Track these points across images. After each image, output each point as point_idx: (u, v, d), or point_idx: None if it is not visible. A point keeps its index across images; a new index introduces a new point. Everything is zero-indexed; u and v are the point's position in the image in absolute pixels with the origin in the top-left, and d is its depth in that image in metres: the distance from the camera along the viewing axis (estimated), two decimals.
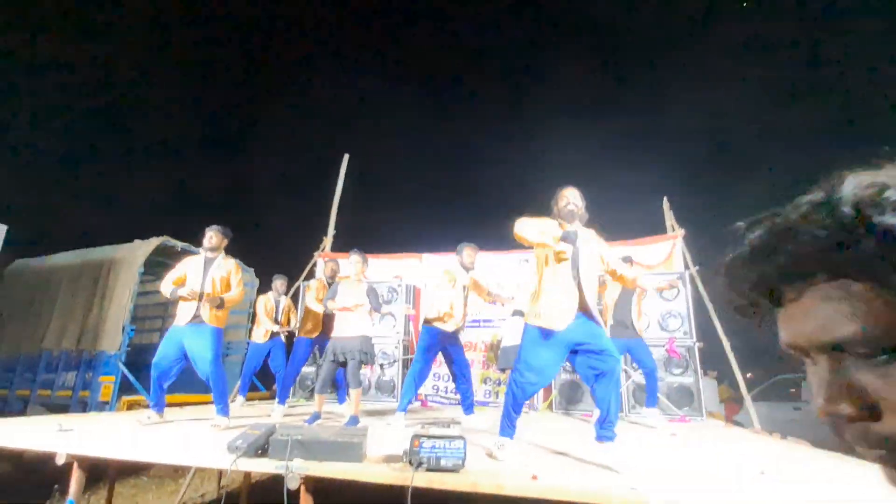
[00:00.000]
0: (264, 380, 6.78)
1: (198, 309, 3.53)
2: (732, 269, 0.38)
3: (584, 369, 2.54)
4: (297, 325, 5.13)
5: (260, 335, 5.26)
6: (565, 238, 2.52)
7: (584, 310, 2.53)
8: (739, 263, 0.37)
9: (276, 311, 5.34)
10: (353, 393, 3.72)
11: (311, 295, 4.68)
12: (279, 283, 5.41)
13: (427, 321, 4.08)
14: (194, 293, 3.50)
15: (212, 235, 3.70)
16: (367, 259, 4.14)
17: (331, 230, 7.23)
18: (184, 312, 3.56)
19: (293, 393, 6.11)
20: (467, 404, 4.15)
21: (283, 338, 5.44)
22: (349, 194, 7.50)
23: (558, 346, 2.51)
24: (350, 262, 4.03)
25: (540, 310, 2.59)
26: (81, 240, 6.73)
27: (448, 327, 4.01)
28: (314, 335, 4.70)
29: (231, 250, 5.69)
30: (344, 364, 3.77)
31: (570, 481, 1.86)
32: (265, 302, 5.32)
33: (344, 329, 3.80)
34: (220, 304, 3.58)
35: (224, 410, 3.46)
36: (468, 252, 4.12)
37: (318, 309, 4.42)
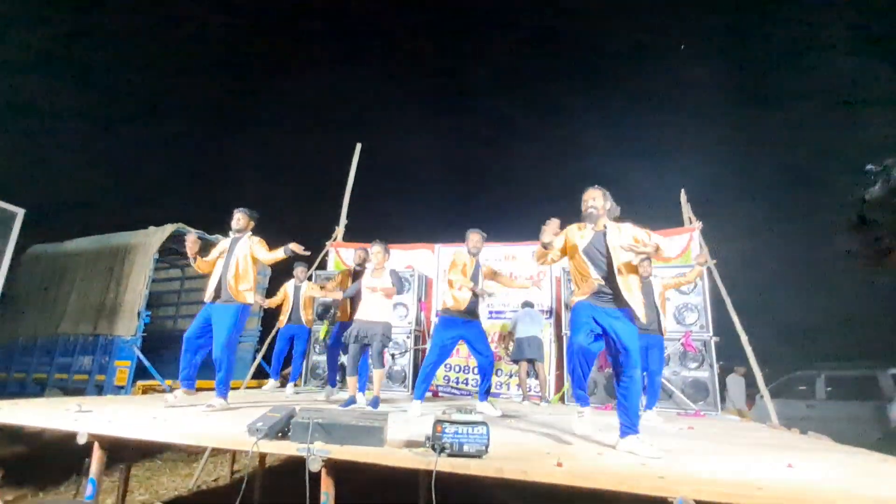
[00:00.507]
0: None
1: (220, 286, 3.63)
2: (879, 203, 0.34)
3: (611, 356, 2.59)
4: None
5: (283, 320, 5.49)
6: (545, 246, 2.74)
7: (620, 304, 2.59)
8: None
9: (297, 296, 5.48)
10: (377, 373, 3.95)
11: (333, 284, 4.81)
12: (299, 270, 5.55)
13: (439, 311, 4.28)
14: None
15: (238, 217, 3.83)
16: (389, 249, 4.29)
17: (343, 220, 7.22)
18: (210, 289, 3.67)
19: (305, 380, 6.15)
20: (482, 391, 4.11)
21: (307, 322, 5.61)
22: (362, 184, 7.48)
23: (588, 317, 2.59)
24: (372, 253, 4.19)
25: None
26: (96, 224, 6.81)
27: (458, 308, 4.00)
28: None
29: None
30: (367, 346, 3.99)
31: (595, 469, 1.83)
32: (284, 289, 5.55)
33: (369, 313, 4.00)
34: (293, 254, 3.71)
35: (223, 392, 3.52)
36: (473, 237, 4.16)
37: (338, 296, 4.60)
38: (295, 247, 3.68)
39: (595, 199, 2.74)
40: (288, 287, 5.53)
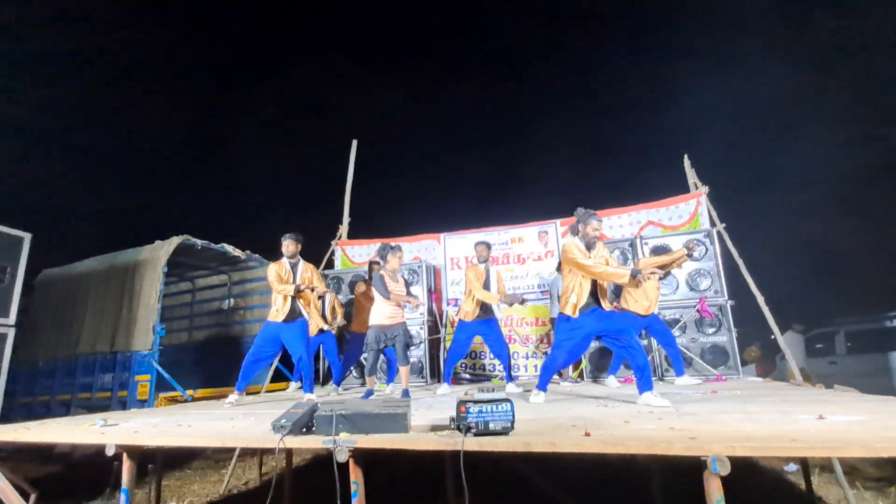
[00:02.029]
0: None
1: (294, 306, 4.27)
2: None
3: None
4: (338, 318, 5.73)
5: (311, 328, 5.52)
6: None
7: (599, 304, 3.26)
8: None
9: (322, 307, 5.57)
10: (404, 370, 4.26)
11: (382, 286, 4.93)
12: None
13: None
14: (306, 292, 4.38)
15: (288, 244, 4.35)
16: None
17: (346, 217, 7.21)
18: (282, 310, 4.23)
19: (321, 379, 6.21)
20: (506, 375, 4.72)
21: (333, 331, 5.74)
22: (363, 180, 7.44)
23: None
24: (395, 259, 4.41)
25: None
26: (101, 243, 6.85)
27: (468, 317, 4.64)
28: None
29: (247, 244, 5.79)
30: (383, 349, 4.34)
31: (625, 435, 1.81)
32: (312, 299, 5.60)
33: (387, 317, 4.25)
34: (321, 296, 4.66)
35: (309, 388, 4.28)
36: (478, 249, 4.77)
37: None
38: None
39: (600, 227, 3.30)
40: None
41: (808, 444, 1.48)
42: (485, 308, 4.62)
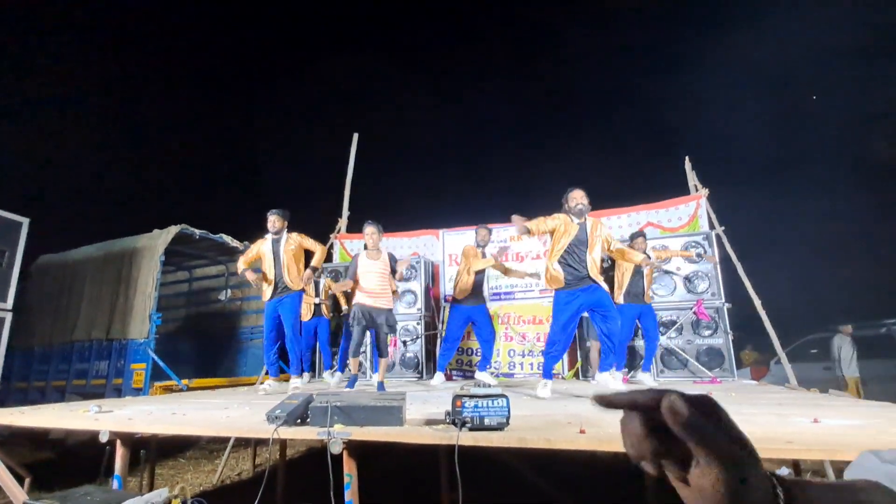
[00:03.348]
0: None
1: (279, 284, 4.21)
2: None
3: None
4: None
5: (305, 313, 5.60)
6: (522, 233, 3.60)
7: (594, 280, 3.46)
8: None
9: (316, 286, 5.67)
10: (383, 361, 4.10)
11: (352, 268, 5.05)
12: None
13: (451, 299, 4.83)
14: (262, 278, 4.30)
15: (273, 220, 4.22)
16: (382, 228, 4.33)
17: (345, 211, 7.19)
18: (270, 290, 4.23)
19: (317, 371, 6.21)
20: (481, 361, 4.85)
21: (325, 313, 5.83)
22: (363, 174, 7.43)
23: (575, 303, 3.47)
24: (366, 235, 4.21)
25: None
26: (99, 231, 6.82)
27: (466, 302, 4.65)
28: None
29: (246, 234, 5.76)
30: (369, 328, 4.10)
31: (618, 433, 1.81)
32: None
33: (372, 298, 4.06)
34: (319, 273, 4.53)
35: (295, 370, 4.32)
36: (480, 232, 4.77)
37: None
38: (338, 287, 4.57)
39: (583, 197, 3.50)
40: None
41: (803, 446, 1.48)
42: (477, 293, 4.69)
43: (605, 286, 3.50)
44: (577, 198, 3.48)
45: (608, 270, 4.64)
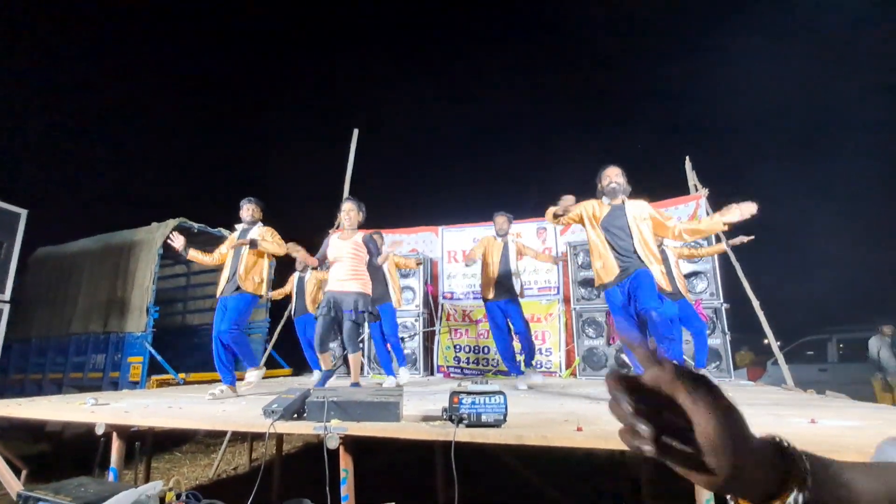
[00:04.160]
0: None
1: (234, 278, 3.70)
2: None
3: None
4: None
5: (298, 311, 5.48)
6: (557, 215, 3.14)
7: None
8: None
9: (301, 287, 5.50)
10: (352, 358, 3.52)
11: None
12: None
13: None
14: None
15: (247, 208, 3.91)
16: (362, 206, 3.87)
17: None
18: (223, 283, 3.77)
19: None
20: (525, 359, 4.42)
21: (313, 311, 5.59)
22: (362, 169, 7.40)
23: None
24: (342, 212, 3.78)
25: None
26: (98, 223, 6.81)
27: (488, 295, 4.34)
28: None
29: None
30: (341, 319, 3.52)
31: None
32: (290, 279, 5.59)
33: (337, 284, 3.56)
34: (253, 244, 3.72)
35: (250, 364, 3.75)
36: (498, 220, 4.46)
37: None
38: (293, 247, 3.76)
39: (618, 175, 3.06)
40: (294, 277, 5.58)
41: (801, 446, 1.48)
42: (505, 287, 4.26)
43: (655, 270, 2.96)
44: (611, 175, 3.06)
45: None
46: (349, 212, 3.72)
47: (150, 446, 4.08)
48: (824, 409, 2.48)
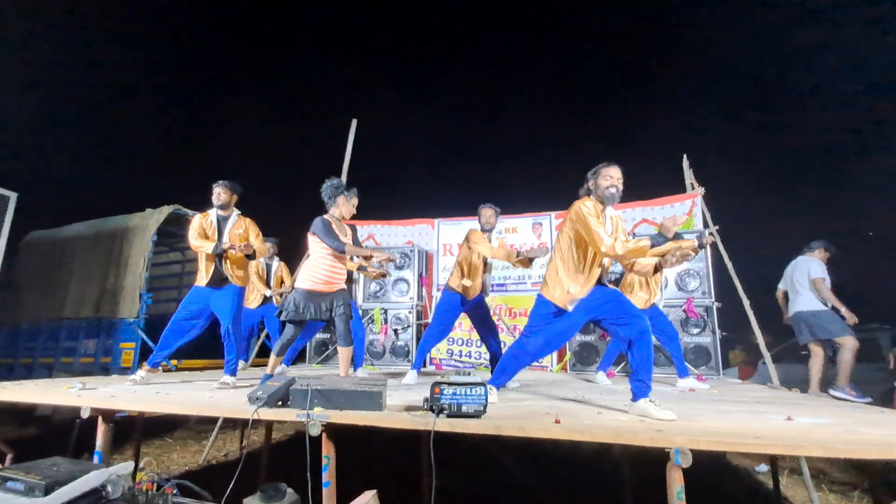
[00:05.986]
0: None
1: (222, 269, 3.50)
2: None
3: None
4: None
5: (252, 301, 5.09)
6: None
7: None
8: None
9: (268, 275, 5.20)
10: (343, 351, 3.30)
11: (329, 235, 4.25)
12: (269, 245, 5.11)
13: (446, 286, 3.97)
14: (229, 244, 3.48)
15: (220, 191, 3.52)
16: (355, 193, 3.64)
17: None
18: (207, 273, 3.52)
19: (307, 358, 6.23)
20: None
21: (276, 302, 5.20)
22: (359, 161, 7.37)
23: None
24: (349, 204, 3.62)
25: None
26: (91, 208, 6.78)
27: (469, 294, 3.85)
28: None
29: None
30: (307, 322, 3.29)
31: (593, 424, 1.83)
32: (256, 266, 5.09)
33: (323, 282, 3.30)
34: (252, 255, 3.51)
35: (231, 370, 3.52)
36: (485, 213, 3.91)
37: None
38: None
39: (621, 180, 2.54)
40: (256, 265, 5.14)
41: (769, 441, 1.51)
42: (483, 287, 3.91)
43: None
44: (614, 178, 2.54)
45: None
46: (354, 205, 3.63)
47: (140, 431, 4.11)
48: (803, 406, 2.52)
